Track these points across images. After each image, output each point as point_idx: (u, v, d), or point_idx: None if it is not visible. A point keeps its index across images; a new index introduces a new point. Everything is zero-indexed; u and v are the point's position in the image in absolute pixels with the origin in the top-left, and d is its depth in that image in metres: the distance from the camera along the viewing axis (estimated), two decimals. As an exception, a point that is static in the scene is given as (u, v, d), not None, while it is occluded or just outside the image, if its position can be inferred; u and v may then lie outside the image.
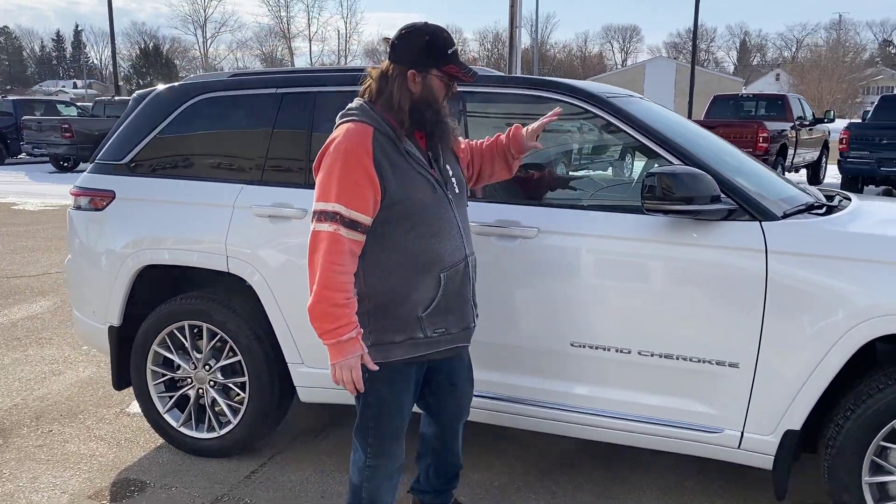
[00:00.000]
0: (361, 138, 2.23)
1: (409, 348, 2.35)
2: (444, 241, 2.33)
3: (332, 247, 2.19)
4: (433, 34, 2.29)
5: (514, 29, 23.18)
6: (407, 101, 2.28)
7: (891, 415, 2.54)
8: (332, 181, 2.21)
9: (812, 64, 62.29)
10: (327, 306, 2.19)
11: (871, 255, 2.57)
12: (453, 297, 2.38)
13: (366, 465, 2.48)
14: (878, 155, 12.30)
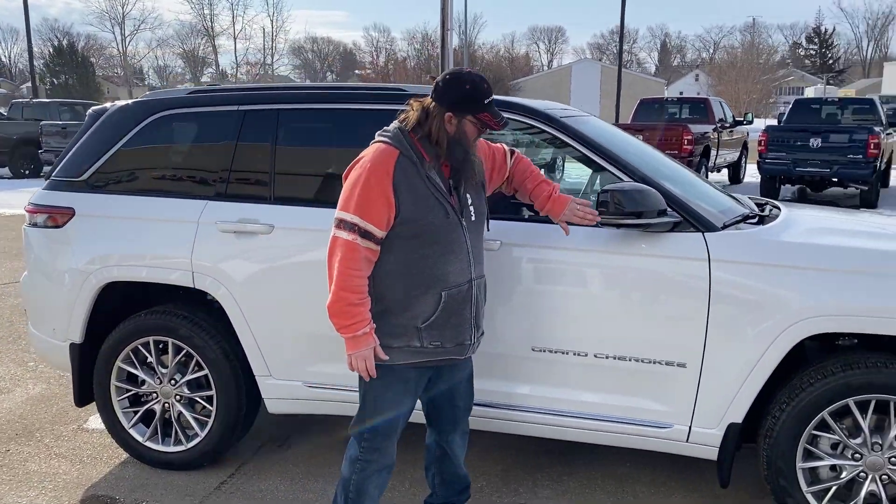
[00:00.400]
0: (386, 160, 2.47)
1: (406, 354, 2.56)
2: (450, 262, 2.53)
3: (349, 253, 2.44)
4: (474, 84, 2.50)
5: (445, 31, 23.36)
6: (445, 139, 2.51)
7: (821, 406, 2.81)
8: (354, 194, 2.46)
9: (729, 65, 64.78)
10: (344, 305, 2.45)
11: (801, 263, 2.84)
12: (452, 315, 2.56)
13: (357, 459, 2.68)
14: (793, 156, 12.97)
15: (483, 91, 2.51)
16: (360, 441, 2.68)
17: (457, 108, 2.49)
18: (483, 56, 56.16)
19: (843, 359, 2.84)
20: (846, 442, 2.84)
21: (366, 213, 2.44)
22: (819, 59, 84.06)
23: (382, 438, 2.66)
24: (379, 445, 2.66)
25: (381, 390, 2.60)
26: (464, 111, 2.49)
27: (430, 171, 2.52)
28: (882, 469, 2.82)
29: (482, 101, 2.50)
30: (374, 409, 2.64)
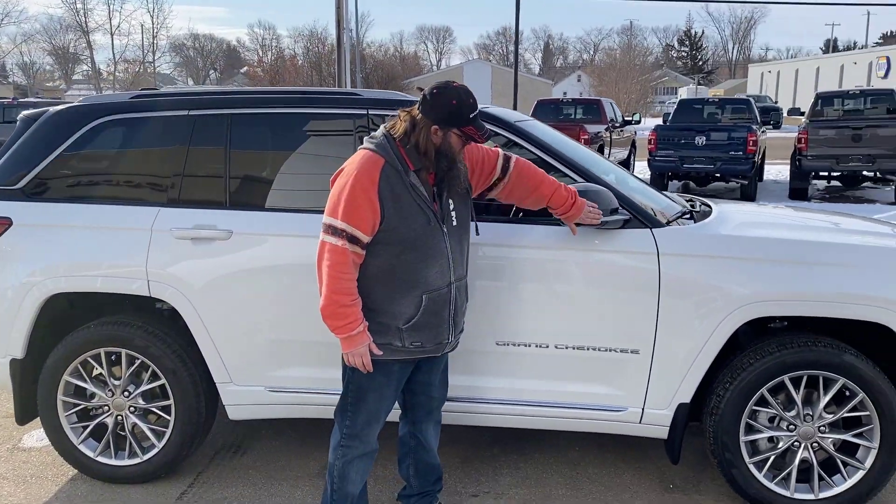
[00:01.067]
0: (371, 169, 2.57)
1: (387, 352, 2.68)
2: (430, 267, 2.64)
3: (337, 258, 2.53)
4: (460, 99, 2.60)
5: (340, 30, 23.19)
6: (431, 150, 2.61)
7: (760, 384, 3.11)
8: (340, 201, 2.55)
9: (609, 66, 67.46)
10: (336, 307, 2.56)
11: (739, 254, 3.13)
12: (432, 317, 2.68)
13: (340, 445, 2.80)
14: (680, 153, 13.79)
15: (468, 106, 2.60)
16: (341, 427, 2.79)
17: (442, 122, 2.59)
18: (373, 55, 55.96)
19: (777, 340, 3.15)
20: (782, 415, 3.15)
21: (353, 220, 2.53)
22: (690, 60, 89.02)
23: (363, 426, 2.77)
24: (359, 433, 2.77)
25: (365, 380, 2.70)
26: (449, 125, 2.59)
27: (414, 180, 2.61)
28: (813, 437, 3.14)
29: (467, 116, 2.60)
30: (356, 399, 2.74)
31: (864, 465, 3.12)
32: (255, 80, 47.74)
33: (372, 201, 2.53)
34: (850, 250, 3.21)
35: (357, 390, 2.74)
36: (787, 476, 3.17)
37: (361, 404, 2.74)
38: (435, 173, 2.66)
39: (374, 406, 2.75)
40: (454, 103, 2.58)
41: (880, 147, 12.64)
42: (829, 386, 3.09)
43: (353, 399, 2.75)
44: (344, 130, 3.42)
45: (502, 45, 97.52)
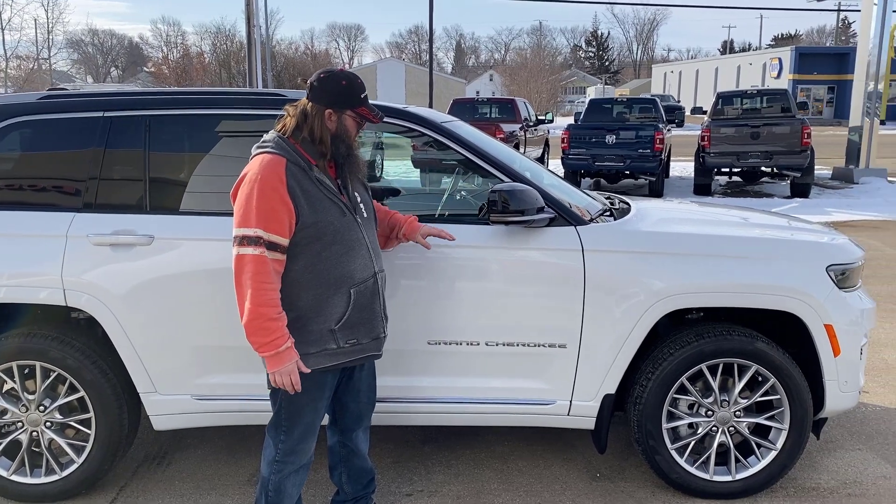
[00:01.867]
0: (276, 168, 2.48)
1: (323, 358, 2.61)
2: (353, 259, 2.60)
3: (258, 268, 2.43)
4: (349, 80, 2.61)
5: (251, 27, 22.58)
6: (328, 136, 2.57)
7: (680, 372, 3.25)
8: (251, 208, 2.45)
9: (520, 66, 68.61)
10: (263, 322, 2.44)
11: (659, 249, 3.26)
12: (363, 311, 2.65)
13: (275, 460, 2.71)
14: (591, 152, 14.21)
15: (359, 86, 2.62)
16: (277, 443, 2.71)
17: (336, 104, 2.57)
18: (284, 53, 55.01)
19: (695, 330, 3.30)
20: (701, 402, 3.31)
21: (269, 225, 2.44)
22: (597, 60, 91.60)
23: (299, 441, 2.71)
24: (295, 447, 2.71)
25: (298, 395, 2.62)
26: (343, 106, 2.58)
27: (318, 174, 2.58)
28: (729, 422, 3.31)
29: (359, 96, 2.61)
30: (290, 415, 2.67)
31: (776, 446, 3.31)
32: (160, 78, 46.06)
33: (285, 201, 2.46)
34: (760, 243, 3.40)
35: (290, 405, 2.65)
36: (707, 460, 3.33)
37: (296, 419, 2.67)
38: (335, 162, 2.63)
39: (309, 419, 2.69)
40: (344, 83, 2.58)
41: (776, 144, 13.39)
42: (744, 372, 3.26)
43: (286, 414, 2.67)
44: (268, 132, 3.36)
45: (415, 43, 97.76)
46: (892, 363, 5.12)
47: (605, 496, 3.41)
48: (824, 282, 3.26)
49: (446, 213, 3.62)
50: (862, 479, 3.54)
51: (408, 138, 3.66)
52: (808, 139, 13.27)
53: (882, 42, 15.31)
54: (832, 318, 3.23)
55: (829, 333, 3.24)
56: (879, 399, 4.50)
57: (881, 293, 6.91)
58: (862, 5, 16.14)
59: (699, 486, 3.34)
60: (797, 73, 46.76)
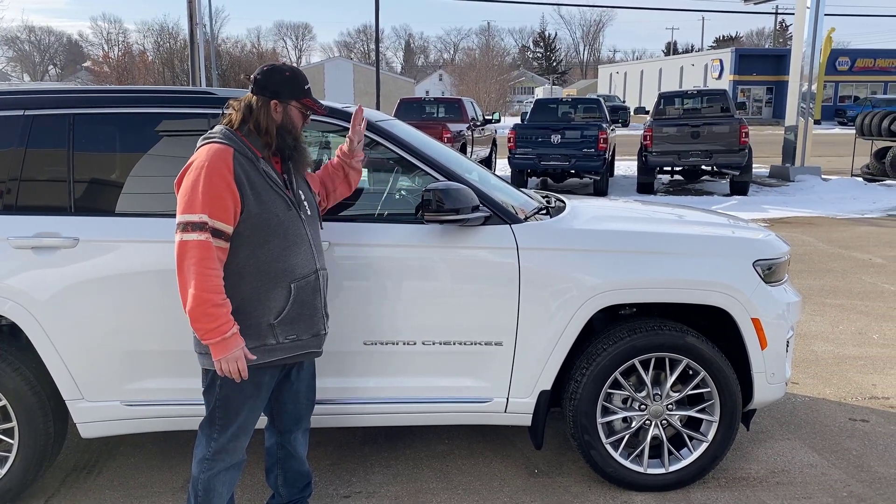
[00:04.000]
0: (223, 156, 2.49)
1: (262, 354, 2.57)
2: (295, 254, 2.59)
3: (203, 253, 2.40)
4: (293, 71, 2.65)
5: (193, 25, 22.15)
6: (274, 127, 2.59)
7: (613, 368, 3.30)
8: (196, 194, 2.43)
9: (468, 66, 68.84)
10: (208, 307, 2.41)
11: (591, 246, 3.30)
12: (304, 307, 2.63)
13: (205, 458, 2.67)
14: (538, 151, 14.35)
15: (303, 78, 2.67)
16: (209, 441, 2.67)
17: (282, 95, 2.59)
18: (229, 51, 54.11)
19: (628, 326, 3.35)
20: (634, 396, 3.36)
21: (214, 211, 2.43)
22: (545, 61, 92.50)
23: (231, 439, 2.67)
24: (227, 446, 2.67)
25: (233, 394, 2.60)
26: (288, 96, 2.61)
27: (265, 166, 2.58)
28: (662, 415, 3.38)
29: (303, 87, 2.64)
30: (225, 413, 2.63)
31: (707, 438, 3.39)
32: (100, 76, 44.83)
33: (231, 188, 2.45)
34: (690, 240, 3.47)
35: (226, 403, 2.61)
36: (641, 453, 3.39)
37: (231, 417, 2.63)
38: (281, 154, 2.64)
39: (243, 418, 2.65)
40: (288, 74, 2.62)
41: (716, 143, 13.73)
42: (675, 366, 3.33)
43: (221, 413, 2.63)
44: (198, 130, 3.29)
45: (363, 43, 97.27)
46: (821, 355, 5.29)
47: (542, 491, 3.44)
48: (751, 277, 3.35)
49: (385, 213, 3.61)
50: (790, 468, 3.65)
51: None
52: (745, 138, 13.63)
53: (815, 44, 15.81)
54: (759, 312, 3.32)
55: (756, 327, 3.33)
56: (808, 390, 4.65)
57: (813, 287, 7.14)
58: (796, 9, 16.64)
59: (634, 479, 3.40)
60: (737, 74, 48.10)
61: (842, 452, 3.81)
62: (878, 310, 6.42)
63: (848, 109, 42.50)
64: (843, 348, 5.43)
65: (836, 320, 6.13)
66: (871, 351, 5.37)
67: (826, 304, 6.63)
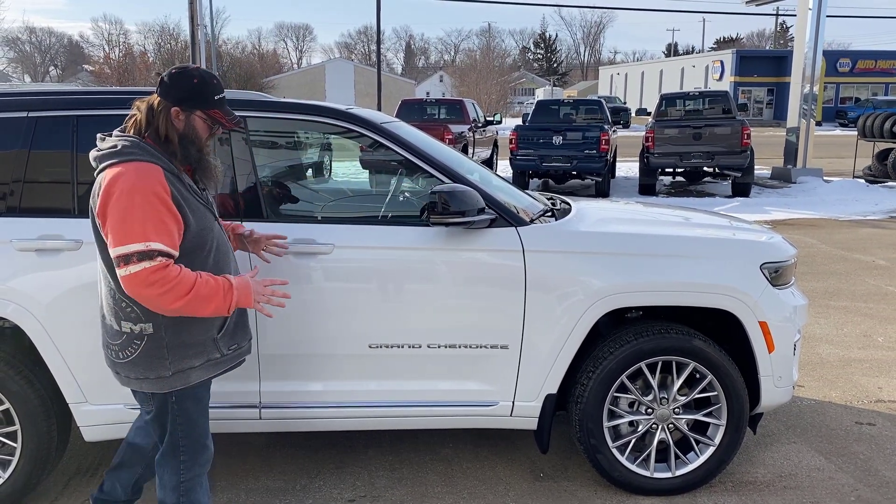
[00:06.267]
0: (156, 176, 2.30)
1: (210, 368, 2.51)
2: (227, 264, 2.56)
3: (166, 274, 2.25)
4: (202, 78, 2.44)
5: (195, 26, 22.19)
6: (175, 136, 2.41)
7: (619, 371, 3.28)
8: (134, 221, 2.24)
9: (469, 67, 68.90)
10: (197, 294, 2.29)
11: (597, 249, 3.28)
12: (239, 315, 2.60)
13: (180, 482, 2.57)
14: (539, 153, 14.33)
15: (213, 86, 2.45)
16: (176, 465, 2.56)
17: (185, 102, 2.40)
18: (230, 52, 54.13)
19: (634, 329, 3.33)
20: (641, 399, 3.34)
21: (159, 236, 2.26)
22: (545, 62, 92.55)
23: (200, 451, 2.58)
24: (198, 459, 2.59)
25: (191, 408, 2.52)
26: (192, 105, 2.42)
27: (187, 179, 2.45)
28: (669, 419, 3.36)
29: (212, 97, 2.44)
30: (188, 429, 2.54)
31: (714, 442, 3.37)
32: (101, 77, 44.83)
33: (171, 210, 2.30)
34: (697, 243, 3.45)
35: (187, 422, 2.51)
36: (647, 457, 3.37)
37: (194, 432, 2.54)
38: (190, 166, 2.48)
39: (204, 427, 2.58)
40: (196, 81, 2.41)
41: (718, 145, 13.71)
42: (682, 370, 3.31)
43: (185, 432, 2.52)
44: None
45: (364, 44, 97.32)
46: (826, 358, 5.27)
47: (548, 496, 3.42)
48: (758, 280, 3.33)
49: (389, 215, 3.59)
50: (797, 472, 3.63)
51: (349, 140, 3.62)
52: (747, 140, 13.61)
53: (817, 46, 15.80)
54: (766, 315, 3.30)
55: (764, 330, 3.30)
56: (814, 393, 4.63)
57: (817, 289, 7.12)
58: (798, 10, 16.64)
59: (640, 483, 3.37)
60: (738, 76, 48.09)
61: (849, 456, 3.79)
62: (883, 312, 6.40)
63: (849, 111, 42.50)
64: (848, 351, 5.41)
65: (841, 323, 6.11)
66: (876, 354, 5.35)
67: (830, 306, 6.60)
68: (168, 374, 2.42)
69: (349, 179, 5.19)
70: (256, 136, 3.34)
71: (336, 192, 4.09)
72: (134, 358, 2.42)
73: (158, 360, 2.41)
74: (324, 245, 3.14)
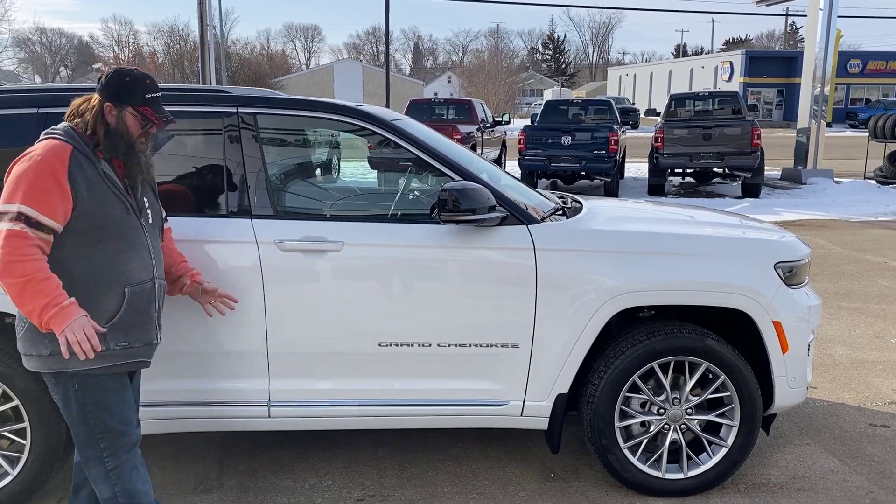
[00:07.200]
0: (59, 154, 2.41)
1: (93, 360, 2.44)
2: (131, 258, 2.52)
3: (17, 242, 2.32)
4: (134, 78, 2.55)
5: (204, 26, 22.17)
6: (102, 129, 2.51)
7: (632, 371, 3.25)
8: (20, 186, 2.35)
9: (477, 68, 68.86)
10: (33, 286, 2.32)
11: (610, 247, 3.25)
12: (138, 314, 2.55)
13: (109, 471, 2.56)
14: (547, 153, 14.29)
15: (143, 85, 2.54)
16: (99, 454, 2.55)
17: (115, 98, 2.51)
18: (239, 53, 54.27)
19: (646, 328, 3.30)
20: (653, 400, 3.31)
21: (38, 204, 2.33)
22: (554, 63, 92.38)
23: (121, 435, 2.56)
24: (123, 444, 2.57)
25: (98, 394, 2.51)
26: (122, 102, 2.51)
27: (106, 168, 2.51)
28: (681, 420, 3.32)
29: (142, 95, 2.53)
30: (99, 413, 2.52)
31: (726, 443, 3.33)
32: (110, 78, 44.98)
33: (62, 186, 2.37)
34: (711, 241, 3.42)
35: (95, 405, 2.51)
36: (659, 458, 3.33)
37: (107, 416, 2.53)
38: (118, 159, 2.54)
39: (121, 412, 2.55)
40: (127, 80, 2.52)
41: (728, 145, 13.63)
42: (694, 370, 3.28)
43: (97, 416, 2.51)
44: (212, 129, 3.28)
45: (372, 45, 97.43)
46: (839, 359, 5.22)
47: (559, 496, 3.39)
48: (772, 279, 3.29)
49: (399, 213, 3.57)
50: (810, 474, 3.58)
51: (361, 137, 3.61)
52: (757, 140, 13.53)
53: (828, 47, 15.71)
54: (780, 315, 3.26)
55: (778, 330, 3.27)
56: (826, 395, 4.58)
57: (828, 290, 7.06)
58: (808, 11, 16.54)
59: (652, 484, 3.34)
60: (748, 77, 47.89)
61: (863, 458, 3.74)
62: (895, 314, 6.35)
63: (859, 112, 42.26)
64: (860, 352, 5.36)
65: (853, 324, 6.05)
66: (889, 355, 5.30)
67: (842, 307, 6.55)
68: (45, 354, 2.45)
69: (358, 177, 5.17)
70: (267, 133, 3.33)
71: (345, 190, 4.07)
72: (23, 334, 2.49)
73: (39, 337, 2.44)
74: (333, 243, 3.12)
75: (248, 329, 3.14)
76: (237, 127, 3.21)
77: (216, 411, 3.25)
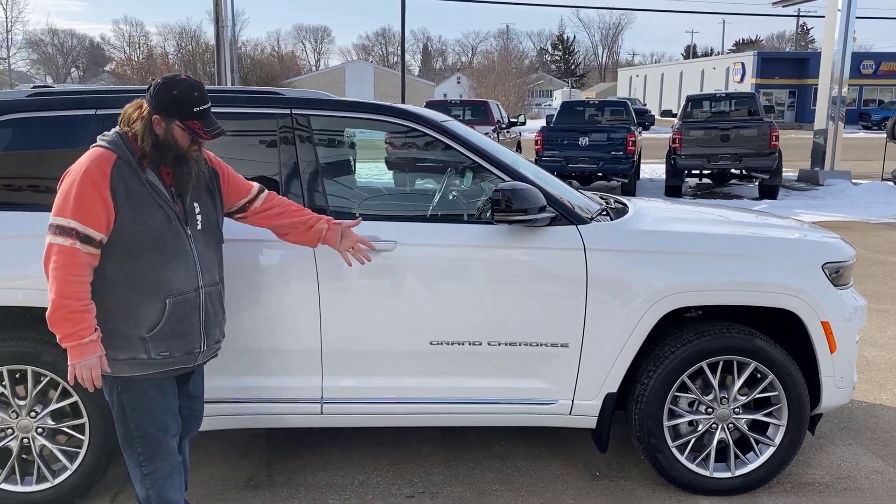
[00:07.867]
0: (102, 164, 2.45)
1: (135, 367, 2.54)
2: (173, 269, 2.53)
3: (67, 259, 2.39)
4: (182, 91, 2.50)
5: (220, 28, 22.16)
6: (150, 140, 2.50)
7: (681, 370, 3.27)
8: (70, 198, 2.41)
9: (487, 69, 68.82)
10: (66, 313, 2.39)
11: (659, 248, 3.28)
12: (179, 324, 2.57)
13: (145, 475, 2.64)
14: (565, 154, 14.31)
15: (191, 99, 2.50)
16: (136, 457, 2.63)
17: (163, 112, 2.49)
18: (249, 54, 54.44)
19: (695, 328, 3.32)
20: (701, 399, 3.33)
21: (84, 217, 2.39)
22: (563, 64, 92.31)
23: (158, 444, 2.63)
24: (157, 451, 2.63)
25: (136, 400, 2.57)
26: (170, 115, 2.49)
27: (151, 177, 2.51)
28: (729, 419, 3.34)
29: (190, 109, 2.49)
30: (138, 419, 2.60)
31: (774, 442, 3.35)
32: (122, 79, 45.28)
33: (104, 197, 2.40)
34: (759, 242, 3.44)
35: (134, 412, 2.59)
36: (707, 457, 3.36)
37: (146, 422, 2.60)
38: (169, 169, 2.55)
39: (159, 418, 2.62)
40: (175, 93, 2.49)
41: (745, 146, 13.61)
42: (743, 370, 3.30)
43: (135, 422, 2.60)
44: (265, 131, 3.33)
45: (381, 46, 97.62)
46: (873, 360, 5.23)
47: (607, 494, 3.42)
48: (820, 280, 3.31)
49: (439, 214, 3.59)
50: (855, 474, 3.60)
51: (410, 138, 3.65)
52: (776, 142, 13.51)
53: (846, 48, 15.67)
54: (828, 316, 3.28)
55: (826, 330, 3.29)
56: (864, 395, 4.59)
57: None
58: (826, 11, 16.49)
59: (699, 482, 3.37)
60: (760, 78, 47.74)
61: (906, 459, 3.76)
62: (925, 315, 6.34)
63: (872, 113, 42.08)
64: (894, 354, 5.36)
65: (883, 325, 6.05)
66: (922, 356, 5.30)
67: (871, 309, 6.48)
68: None
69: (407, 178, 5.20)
70: (319, 135, 3.37)
71: (395, 190, 4.11)
72: None
73: None
74: (387, 242, 3.16)
75: (303, 326, 3.18)
76: (291, 128, 3.25)
77: (270, 408, 3.29)
